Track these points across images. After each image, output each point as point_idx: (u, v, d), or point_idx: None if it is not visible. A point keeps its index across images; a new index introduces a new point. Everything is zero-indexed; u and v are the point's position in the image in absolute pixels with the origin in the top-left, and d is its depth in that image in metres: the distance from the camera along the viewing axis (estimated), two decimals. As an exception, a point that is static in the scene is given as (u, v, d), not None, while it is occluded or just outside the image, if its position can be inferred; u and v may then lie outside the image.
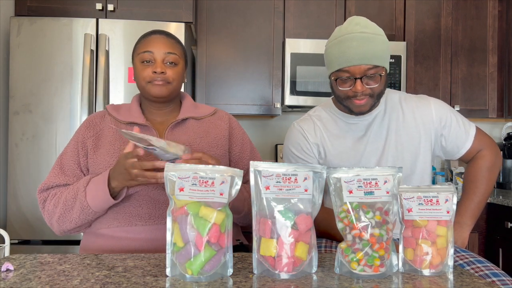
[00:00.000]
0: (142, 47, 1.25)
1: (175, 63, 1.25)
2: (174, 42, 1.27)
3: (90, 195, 1.14)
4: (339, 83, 1.24)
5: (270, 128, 3.06)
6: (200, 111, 1.35)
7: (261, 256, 0.85)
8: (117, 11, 2.37)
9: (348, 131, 1.37)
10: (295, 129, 1.41)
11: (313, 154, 1.38)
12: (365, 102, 1.24)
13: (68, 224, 1.19)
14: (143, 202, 1.19)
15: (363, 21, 1.24)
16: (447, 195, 0.87)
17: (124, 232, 1.18)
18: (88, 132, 1.27)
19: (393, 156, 1.33)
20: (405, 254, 0.89)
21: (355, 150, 1.35)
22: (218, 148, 1.29)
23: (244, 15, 2.68)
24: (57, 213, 1.19)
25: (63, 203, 1.18)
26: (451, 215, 0.87)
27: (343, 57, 1.20)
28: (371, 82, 1.22)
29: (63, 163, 1.25)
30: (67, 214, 1.18)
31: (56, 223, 1.21)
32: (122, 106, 1.34)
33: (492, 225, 2.42)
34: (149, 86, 1.23)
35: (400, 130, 1.34)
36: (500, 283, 1.06)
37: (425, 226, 0.86)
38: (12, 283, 0.78)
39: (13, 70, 2.16)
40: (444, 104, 1.39)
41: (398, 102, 1.38)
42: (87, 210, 1.15)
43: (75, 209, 1.16)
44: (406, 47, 2.66)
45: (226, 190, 0.83)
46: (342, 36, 1.23)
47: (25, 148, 2.14)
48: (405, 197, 0.88)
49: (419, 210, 0.87)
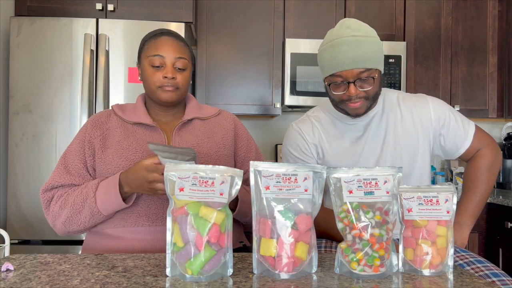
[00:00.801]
0: (152, 50, 1.23)
1: (184, 68, 1.25)
2: (183, 45, 1.27)
3: (100, 200, 1.13)
4: (332, 87, 1.25)
5: (270, 128, 3.06)
6: (204, 112, 1.35)
7: (261, 256, 0.85)
8: (117, 11, 2.37)
9: (346, 131, 1.37)
10: (293, 130, 1.41)
11: (311, 155, 1.38)
12: (360, 105, 1.24)
13: (76, 227, 1.19)
14: (150, 203, 1.19)
15: (354, 24, 1.23)
16: (447, 195, 0.87)
17: (130, 232, 1.18)
18: (94, 131, 1.26)
19: (392, 156, 1.33)
20: (405, 254, 0.89)
21: (353, 150, 1.35)
22: (224, 148, 1.30)
23: (244, 15, 2.68)
24: (63, 216, 1.18)
25: (71, 206, 1.17)
26: (451, 215, 0.87)
27: (335, 62, 1.20)
28: (365, 85, 1.22)
29: (68, 162, 1.24)
30: (75, 217, 1.17)
31: (61, 225, 1.19)
32: (127, 105, 1.34)
33: (492, 225, 2.42)
34: (159, 91, 1.23)
35: (398, 130, 1.34)
36: (500, 283, 1.06)
37: (425, 226, 0.86)
38: (12, 283, 0.78)
39: (13, 70, 2.16)
40: (442, 103, 1.39)
41: (396, 102, 1.37)
42: (98, 216, 1.15)
43: (84, 214, 1.15)
44: (406, 47, 2.66)
45: (226, 190, 0.83)
46: (333, 40, 1.22)
47: (25, 148, 2.14)
48: (405, 197, 0.88)
49: (419, 210, 0.87)
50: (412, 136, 1.34)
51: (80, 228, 1.19)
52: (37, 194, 2.12)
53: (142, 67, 1.27)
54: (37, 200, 2.13)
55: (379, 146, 1.34)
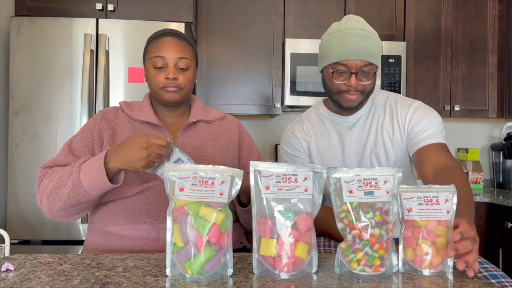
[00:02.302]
0: (154, 51, 1.24)
1: (187, 67, 1.25)
2: (186, 44, 1.27)
3: (84, 171, 1.08)
4: (335, 76, 1.28)
5: (270, 128, 3.06)
6: (210, 115, 1.37)
7: (261, 256, 0.85)
8: (117, 11, 2.37)
9: (333, 131, 1.42)
10: (288, 130, 1.50)
11: (303, 150, 1.45)
12: (356, 98, 1.29)
13: (58, 202, 1.12)
14: (153, 200, 1.19)
15: (361, 20, 1.30)
16: (447, 195, 0.87)
17: (132, 230, 1.17)
18: (104, 124, 1.25)
19: (373, 157, 1.36)
20: (405, 254, 0.89)
21: (337, 150, 1.40)
22: (229, 151, 1.31)
23: (244, 15, 2.68)
24: (49, 188, 1.12)
25: (58, 179, 1.12)
26: (451, 215, 0.87)
27: (342, 50, 1.25)
28: (364, 79, 1.27)
29: (73, 147, 1.21)
30: (58, 191, 1.11)
31: (46, 199, 1.14)
32: (134, 103, 1.34)
33: (492, 225, 2.42)
34: (162, 92, 1.24)
35: (380, 132, 1.36)
36: (499, 285, 1.05)
37: (425, 226, 0.86)
38: (12, 283, 0.78)
39: (13, 70, 2.16)
40: (425, 110, 1.35)
41: (383, 104, 1.40)
42: (78, 188, 1.08)
43: (67, 186, 1.09)
44: (406, 47, 2.66)
45: (226, 190, 0.83)
46: (343, 30, 1.27)
47: (25, 148, 2.14)
48: (405, 197, 0.88)
49: (419, 210, 0.87)
50: (392, 138, 1.35)
51: (61, 204, 1.11)
52: (37, 194, 2.13)
53: (146, 68, 1.28)
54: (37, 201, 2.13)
55: (361, 146, 1.38)
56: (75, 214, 1.17)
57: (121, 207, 1.19)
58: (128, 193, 1.18)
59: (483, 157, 3.15)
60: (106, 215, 1.20)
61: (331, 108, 1.43)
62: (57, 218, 1.18)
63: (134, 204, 1.18)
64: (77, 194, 1.09)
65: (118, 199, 1.19)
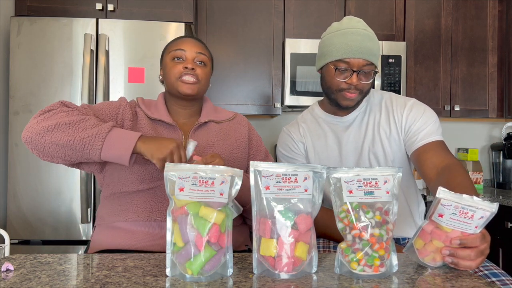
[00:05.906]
0: (174, 46, 1.29)
1: (204, 63, 1.29)
2: (204, 46, 1.33)
3: (115, 133, 1.08)
4: (336, 73, 1.29)
5: (270, 128, 3.06)
6: (220, 115, 1.38)
7: (261, 256, 0.85)
8: (117, 11, 2.37)
9: (329, 131, 1.42)
10: (284, 132, 1.52)
11: (300, 152, 1.45)
12: (355, 97, 1.31)
13: (61, 135, 1.07)
14: (165, 198, 1.19)
15: (362, 21, 1.32)
16: (484, 212, 0.84)
17: (142, 226, 1.17)
18: (128, 110, 1.25)
19: (370, 157, 1.36)
20: (414, 242, 0.90)
21: (334, 150, 1.40)
22: (239, 151, 1.32)
23: (244, 15, 2.68)
24: (63, 119, 1.08)
25: (79, 120, 1.09)
26: (477, 230, 0.86)
27: (346, 47, 1.26)
28: (364, 78, 1.29)
29: (95, 108, 1.22)
30: (72, 128, 1.07)
31: (46, 123, 1.09)
32: (149, 101, 1.35)
33: (492, 225, 2.41)
34: (179, 83, 1.25)
35: (377, 131, 1.37)
36: (499, 283, 1.06)
37: (448, 233, 0.86)
38: (12, 283, 0.78)
39: (13, 70, 2.16)
40: (421, 107, 1.36)
41: (378, 103, 1.41)
42: (96, 141, 1.05)
43: (86, 131, 1.06)
44: (406, 47, 2.66)
45: (226, 190, 0.83)
46: (346, 29, 1.29)
47: (25, 148, 2.13)
48: (443, 203, 0.86)
49: (450, 219, 0.85)
50: (389, 137, 1.36)
51: (64, 140, 1.07)
52: (37, 194, 2.13)
53: (164, 64, 1.30)
54: (37, 200, 2.13)
55: (359, 146, 1.38)
56: (56, 157, 1.13)
57: (132, 203, 1.19)
58: (140, 187, 1.19)
59: (483, 157, 3.15)
60: (116, 210, 1.20)
61: (327, 109, 1.44)
62: (35, 142, 1.12)
63: (146, 201, 1.19)
64: (88, 144, 1.06)
65: (129, 194, 1.20)
